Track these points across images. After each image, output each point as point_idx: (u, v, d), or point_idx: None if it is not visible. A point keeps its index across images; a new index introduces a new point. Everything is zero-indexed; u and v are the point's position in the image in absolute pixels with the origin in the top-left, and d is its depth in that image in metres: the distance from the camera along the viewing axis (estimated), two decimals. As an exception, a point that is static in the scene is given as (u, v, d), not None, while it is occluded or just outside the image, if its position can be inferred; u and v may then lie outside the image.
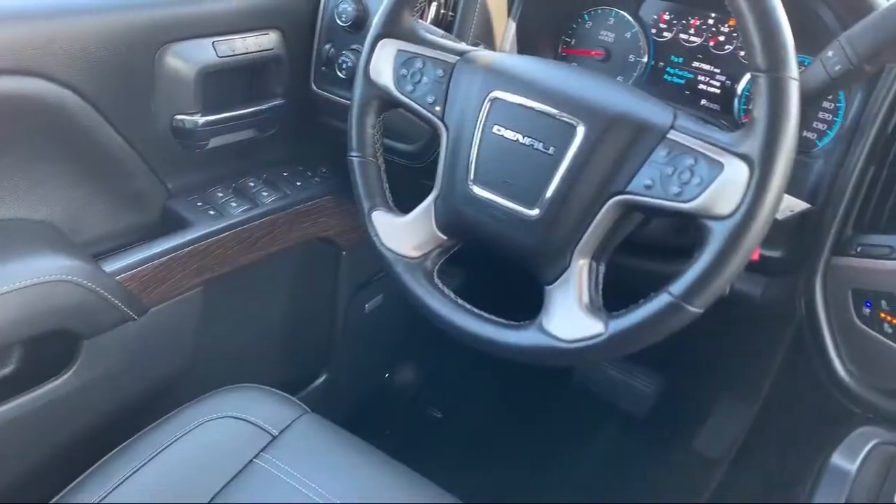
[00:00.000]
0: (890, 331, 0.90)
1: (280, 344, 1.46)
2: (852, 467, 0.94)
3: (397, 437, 1.75)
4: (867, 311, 0.92)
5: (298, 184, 1.35)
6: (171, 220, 1.21)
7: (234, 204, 1.25)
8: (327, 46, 1.26)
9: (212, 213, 1.22)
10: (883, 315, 0.90)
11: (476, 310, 0.89)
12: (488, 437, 1.74)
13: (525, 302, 0.90)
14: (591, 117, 0.81)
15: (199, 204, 1.24)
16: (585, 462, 1.66)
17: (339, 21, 1.22)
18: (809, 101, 0.80)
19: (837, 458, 0.95)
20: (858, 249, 0.92)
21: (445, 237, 0.93)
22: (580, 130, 0.81)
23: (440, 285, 0.93)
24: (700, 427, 1.63)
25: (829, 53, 0.80)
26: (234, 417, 1.02)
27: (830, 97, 1.01)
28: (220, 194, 1.27)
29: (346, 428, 1.05)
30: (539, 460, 1.67)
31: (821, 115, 1.03)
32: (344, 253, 1.45)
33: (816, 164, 0.99)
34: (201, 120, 1.17)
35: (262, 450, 0.98)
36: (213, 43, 1.16)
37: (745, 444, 1.52)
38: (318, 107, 1.30)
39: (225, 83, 1.22)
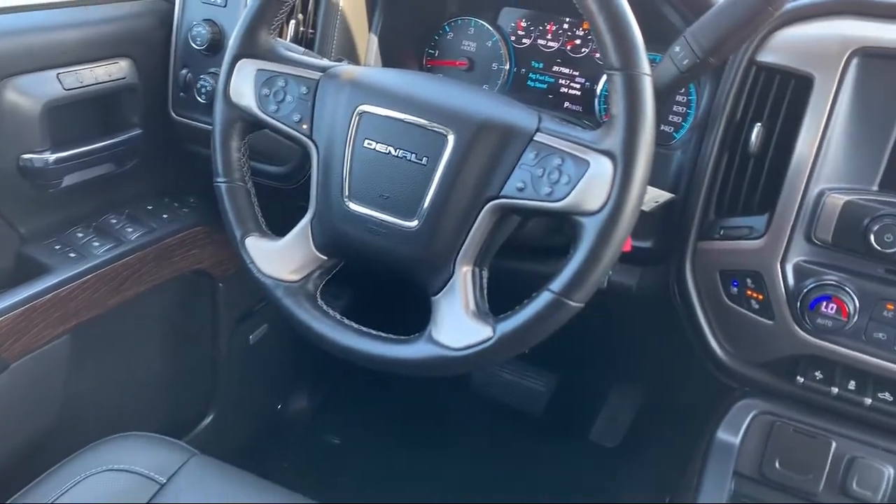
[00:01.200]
0: (757, 306, 0.95)
1: (160, 387, 1.38)
2: (736, 440, 0.99)
3: (295, 468, 1.69)
4: (735, 290, 0.97)
5: (165, 216, 1.29)
6: (26, 266, 1.12)
7: (96, 244, 1.17)
8: (184, 72, 1.21)
9: (72, 255, 1.14)
10: (749, 292, 0.96)
11: (363, 328, 0.88)
12: (390, 458, 1.71)
13: (416, 314, 0.89)
14: (460, 125, 0.81)
15: (58, 247, 1.15)
16: (489, 469, 1.67)
17: (194, 45, 1.17)
18: (663, 96, 0.84)
19: (722, 433, 1.00)
20: (721, 233, 0.97)
21: (325, 257, 0.90)
22: (451, 139, 0.81)
23: (324, 307, 0.90)
24: (594, 419, 1.68)
25: (677, 49, 0.84)
26: (116, 470, 0.95)
27: (682, 91, 1.07)
28: (81, 234, 1.19)
29: (241, 465, 1.00)
30: (443, 473, 1.66)
31: (675, 108, 1.08)
32: (221, 284, 1.40)
33: (676, 156, 1.04)
34: (52, 157, 1.09)
35: (150, 499, 0.92)
36: (57, 75, 1.09)
37: (637, 429, 1.58)
38: (179, 134, 1.25)
39: (75, 117, 1.15)
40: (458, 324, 0.82)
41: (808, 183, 0.89)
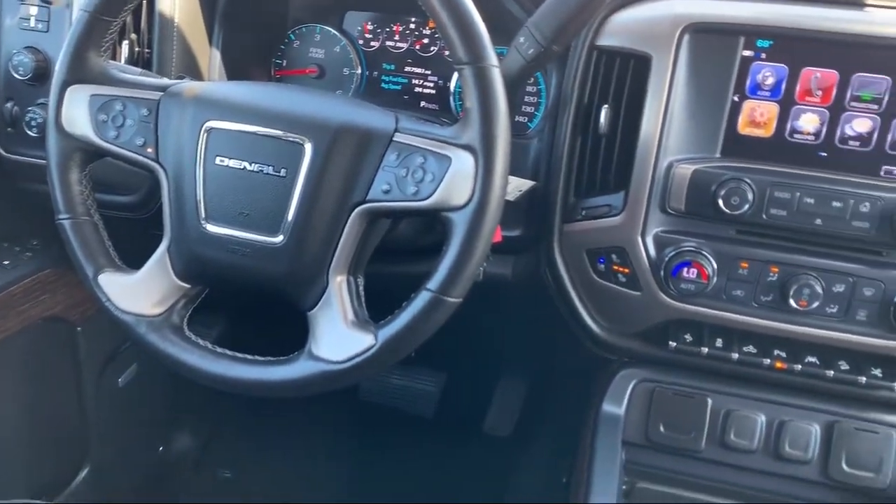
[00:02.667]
0: (624, 280, 0.99)
1: (23, 447, 1.27)
2: (621, 410, 1.03)
3: (188, 509, 1.61)
4: (602, 266, 1.00)
5: (6, 263, 1.19)
6: None
7: (-74, 302, 1.06)
8: (9, 105, 1.12)
9: None
10: (616, 267, 0.99)
11: (238, 354, 0.84)
12: (285, 481, 1.66)
13: (297, 332, 0.86)
14: (316, 133, 0.79)
15: None
16: (386, 475, 1.66)
17: (16, 75, 1.08)
18: (513, 87, 0.85)
19: (607, 406, 1.03)
20: (583, 213, 1.00)
21: (188, 285, 0.86)
22: (308, 147, 0.79)
23: (193, 337, 0.86)
24: (485, 411, 1.69)
25: (521, 39, 0.86)
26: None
27: (531, 81, 1.10)
28: None
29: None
30: (341, 485, 1.63)
31: (527, 98, 1.10)
32: (79, 329, 1.30)
33: (533, 145, 1.06)
34: None
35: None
36: None
37: (528, 415, 1.61)
38: (12, 173, 1.15)
39: None
40: (339, 336, 0.79)
41: (657, 157, 0.94)
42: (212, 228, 0.82)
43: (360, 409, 1.75)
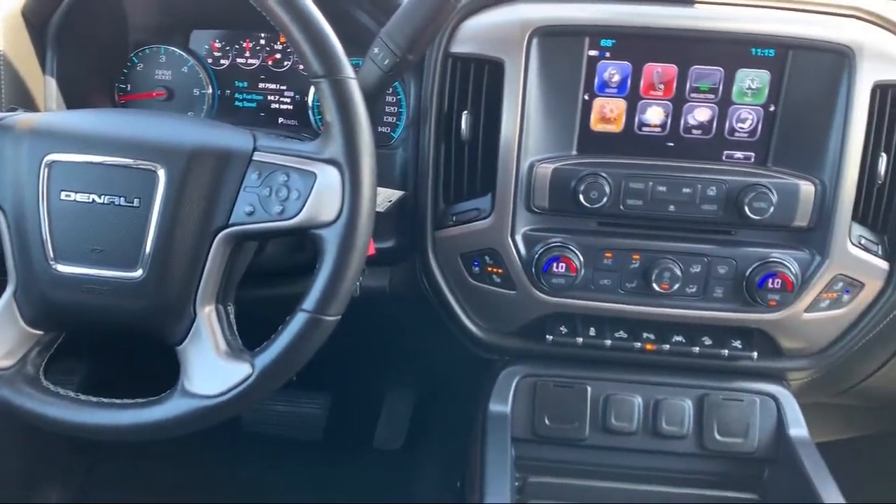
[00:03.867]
0: (499, 280, 1.01)
1: None
2: (507, 408, 1.04)
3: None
4: (477, 269, 1.02)
5: None
6: None
7: None
8: None
9: None
10: (490, 269, 1.01)
11: (104, 400, 0.78)
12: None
13: (169, 369, 0.81)
14: (169, 158, 0.76)
15: None
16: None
17: None
18: (372, 98, 0.85)
19: (493, 405, 1.05)
20: (454, 219, 1.01)
21: (40, 332, 0.79)
22: (161, 174, 0.75)
23: (52, 387, 0.79)
24: (375, 425, 1.67)
25: (376, 50, 0.85)
26: None
27: (390, 91, 1.10)
28: None
29: None
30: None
31: (388, 109, 1.10)
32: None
33: (398, 154, 1.06)
34: None
35: None
36: None
37: (418, 425, 1.61)
38: None
39: None
40: (212, 369, 0.76)
41: (519, 159, 0.96)
42: (63, 269, 0.76)
43: (245, 441, 1.69)
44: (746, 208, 0.94)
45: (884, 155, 0.95)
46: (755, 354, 1.02)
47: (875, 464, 1.69)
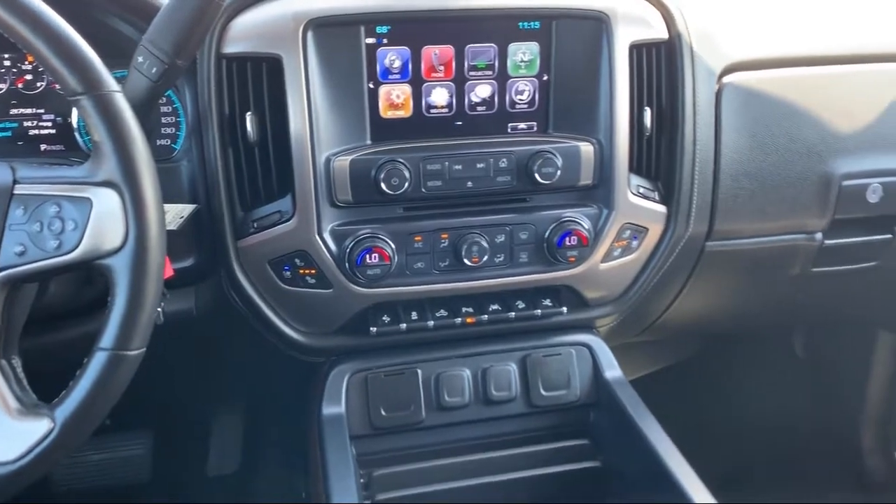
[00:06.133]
0: (314, 281, 0.99)
1: None
2: (341, 408, 1.03)
3: None
4: (288, 273, 0.99)
5: None
6: None
7: None
8: None
9: None
10: (302, 271, 0.99)
11: None
12: None
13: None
14: None
15: None
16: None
17: None
18: (144, 110, 0.79)
19: (327, 407, 1.03)
20: (255, 225, 0.97)
21: None
22: None
23: None
24: (206, 452, 1.59)
25: (140, 59, 0.79)
26: None
27: (164, 101, 1.03)
28: None
29: None
30: None
31: (165, 119, 1.03)
32: None
33: (183, 167, 1.00)
34: None
35: None
36: None
37: (253, 443, 1.55)
38: None
39: None
40: (6, 432, 0.68)
41: (313, 155, 0.94)
42: None
43: (62, 500, 1.53)
44: (536, 175, 0.99)
45: (647, 109, 1.04)
46: (565, 309, 1.08)
47: (680, 389, 1.87)
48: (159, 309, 0.73)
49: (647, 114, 1.04)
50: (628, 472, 1.04)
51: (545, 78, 1.02)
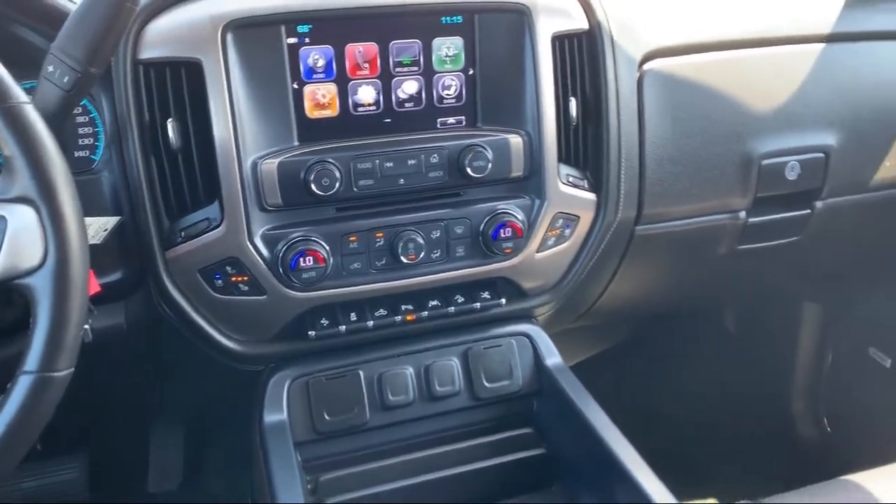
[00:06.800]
0: (247, 288, 0.97)
1: None
2: (283, 415, 1.01)
3: None
4: (220, 282, 0.97)
5: None
6: None
7: None
8: None
9: None
10: (234, 278, 0.96)
11: None
12: None
13: None
14: None
15: None
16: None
17: None
18: (57, 121, 0.76)
19: (268, 415, 1.01)
20: (183, 234, 0.95)
21: None
22: None
23: None
24: (145, 469, 1.55)
25: (50, 68, 0.76)
26: None
27: (80, 110, 0.99)
28: None
29: None
30: None
31: (81, 130, 0.99)
32: None
33: (104, 178, 0.96)
34: None
35: None
36: None
37: (194, 456, 1.51)
38: None
39: None
40: (-75, 466, 0.64)
41: (240, 159, 0.92)
42: None
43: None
44: (468, 168, 0.99)
45: (573, 99, 1.05)
46: (503, 301, 1.09)
47: (619, 371, 1.92)
48: (86, 326, 0.71)
49: (573, 104, 1.05)
50: (573, 457, 1.05)
51: (471, 72, 1.02)
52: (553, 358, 1.13)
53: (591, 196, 1.10)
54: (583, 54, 1.06)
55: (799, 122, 1.19)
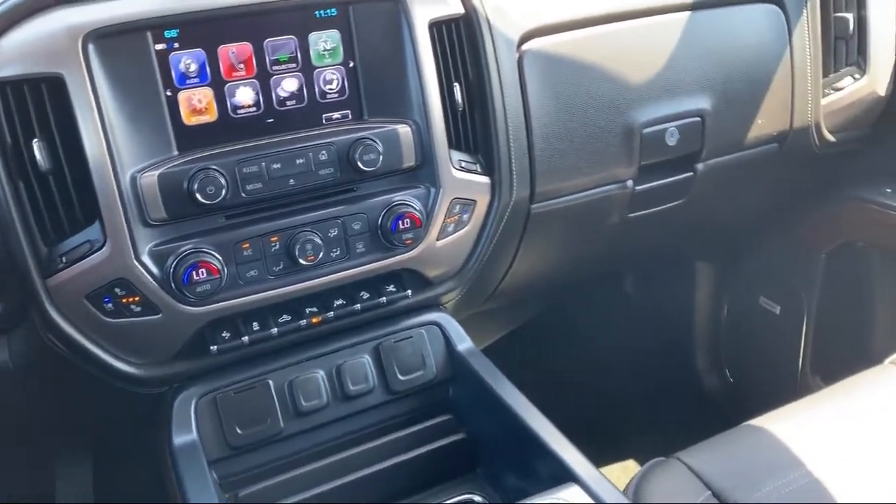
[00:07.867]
0: (139, 309, 0.93)
1: None
2: (193, 435, 0.97)
3: None
4: (110, 305, 0.92)
5: None
6: None
7: None
8: None
9: None
10: (125, 300, 0.92)
11: None
12: None
13: None
14: None
15: None
16: None
17: None
18: None
19: (177, 437, 0.97)
20: (63, 260, 0.89)
21: None
22: None
23: None
24: (52, 500, 1.47)
25: None
26: None
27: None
28: None
29: None
30: None
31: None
32: None
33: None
34: None
35: None
36: None
37: (102, 485, 1.45)
38: None
39: None
40: None
41: (116, 175, 0.87)
42: None
43: None
44: (359, 162, 0.98)
45: (457, 84, 1.05)
46: (409, 292, 1.08)
47: (531, 348, 1.96)
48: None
49: (458, 89, 1.05)
50: (493, 438, 1.06)
51: (351, 65, 1.00)
52: (464, 343, 1.14)
53: (485, 179, 1.10)
54: (462, 39, 1.06)
55: (674, 89, 1.24)
